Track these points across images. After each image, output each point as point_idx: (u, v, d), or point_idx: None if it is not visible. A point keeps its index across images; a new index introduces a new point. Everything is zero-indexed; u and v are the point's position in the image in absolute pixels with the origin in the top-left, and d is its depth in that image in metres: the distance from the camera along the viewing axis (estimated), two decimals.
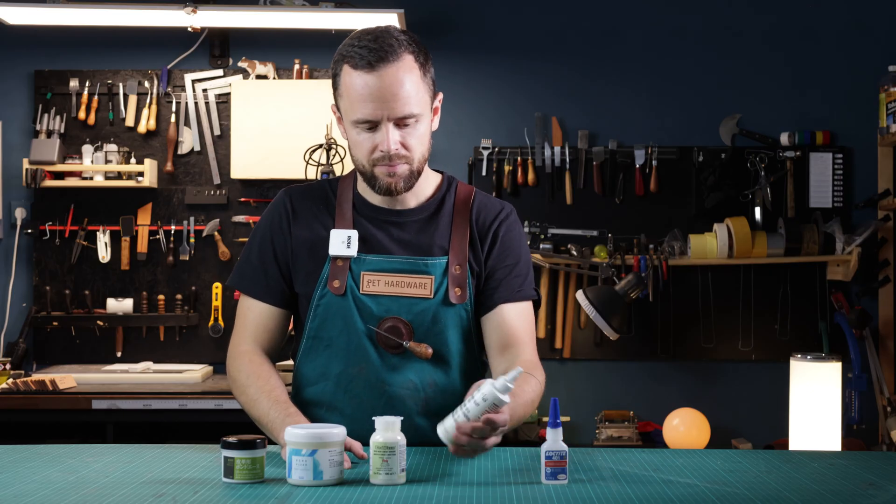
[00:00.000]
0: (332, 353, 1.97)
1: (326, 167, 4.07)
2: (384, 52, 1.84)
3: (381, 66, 1.84)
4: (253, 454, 1.62)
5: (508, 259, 2.01)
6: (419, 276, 1.95)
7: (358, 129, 1.89)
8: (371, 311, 1.94)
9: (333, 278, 1.94)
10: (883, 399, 4.06)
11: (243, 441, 1.63)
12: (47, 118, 4.28)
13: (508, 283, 2.00)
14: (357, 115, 1.87)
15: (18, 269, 4.32)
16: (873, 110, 4.14)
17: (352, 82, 1.87)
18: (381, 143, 1.87)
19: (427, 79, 1.91)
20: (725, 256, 4.10)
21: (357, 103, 1.86)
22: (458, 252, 1.97)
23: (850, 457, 1.92)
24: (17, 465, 1.76)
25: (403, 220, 1.99)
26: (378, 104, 1.85)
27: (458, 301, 1.95)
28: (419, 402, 1.95)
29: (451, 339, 1.96)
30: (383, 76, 1.84)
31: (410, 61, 1.87)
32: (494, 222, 2.03)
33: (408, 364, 1.95)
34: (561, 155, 4.28)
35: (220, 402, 3.76)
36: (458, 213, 2.01)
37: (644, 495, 1.56)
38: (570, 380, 4.27)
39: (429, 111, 1.93)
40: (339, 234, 1.96)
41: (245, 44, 4.33)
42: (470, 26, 4.33)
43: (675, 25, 4.34)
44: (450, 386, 1.97)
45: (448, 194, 2.04)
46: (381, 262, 1.95)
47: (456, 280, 1.96)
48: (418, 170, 1.94)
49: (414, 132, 1.89)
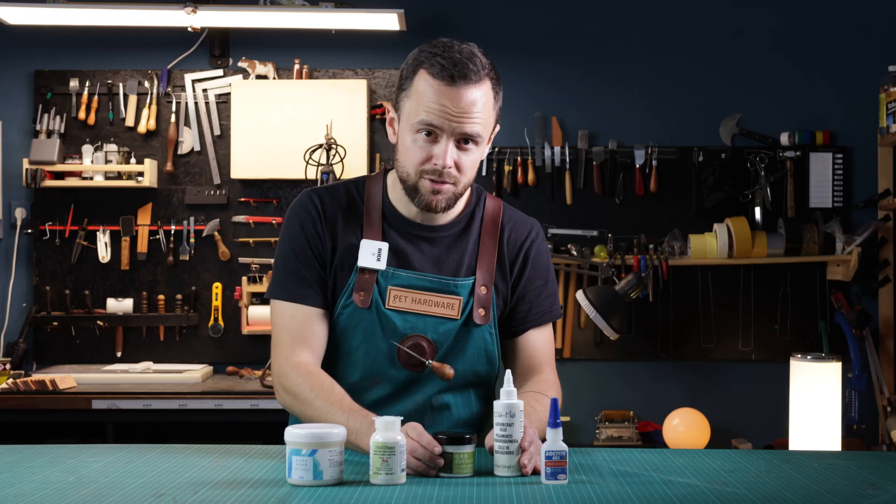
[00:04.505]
0: (347, 363, 1.94)
1: (326, 167, 4.07)
2: (468, 71, 1.81)
3: (461, 82, 1.81)
4: (470, 449, 1.68)
5: (538, 281, 2.01)
6: (448, 296, 1.92)
7: (415, 136, 1.84)
8: (395, 327, 1.90)
9: (359, 290, 1.90)
10: (883, 399, 4.06)
11: (457, 437, 1.67)
12: (47, 118, 4.28)
13: (539, 304, 2.00)
14: (422, 117, 1.82)
15: (18, 269, 4.32)
16: (873, 110, 4.14)
17: (426, 88, 1.82)
18: (438, 157, 1.83)
19: (496, 108, 1.89)
20: (725, 256, 4.10)
21: (426, 108, 1.81)
22: (485, 272, 1.95)
23: (850, 457, 1.92)
24: (17, 465, 1.76)
25: (434, 236, 1.95)
26: (448, 116, 1.81)
27: (483, 322, 1.93)
28: (426, 416, 1.93)
29: (471, 360, 1.95)
30: (462, 93, 1.81)
31: (488, 87, 1.85)
32: (525, 243, 2.01)
33: (423, 383, 1.93)
34: (561, 155, 4.28)
35: (220, 402, 3.76)
36: (487, 232, 1.98)
37: (644, 495, 1.56)
38: (570, 380, 4.26)
39: (487, 139, 1.90)
40: (369, 246, 1.91)
41: (245, 44, 4.33)
42: (470, 26, 4.33)
43: (675, 25, 4.34)
44: (460, 399, 1.96)
45: (477, 208, 2.00)
46: (411, 279, 1.92)
47: (481, 301, 1.93)
48: (461, 193, 1.90)
49: (470, 155, 1.86)
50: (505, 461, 1.67)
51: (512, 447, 1.67)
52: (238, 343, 4.29)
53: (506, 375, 1.73)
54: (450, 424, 1.95)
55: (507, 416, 1.67)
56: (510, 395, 1.68)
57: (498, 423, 1.67)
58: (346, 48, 4.29)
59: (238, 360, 4.26)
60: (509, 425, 1.66)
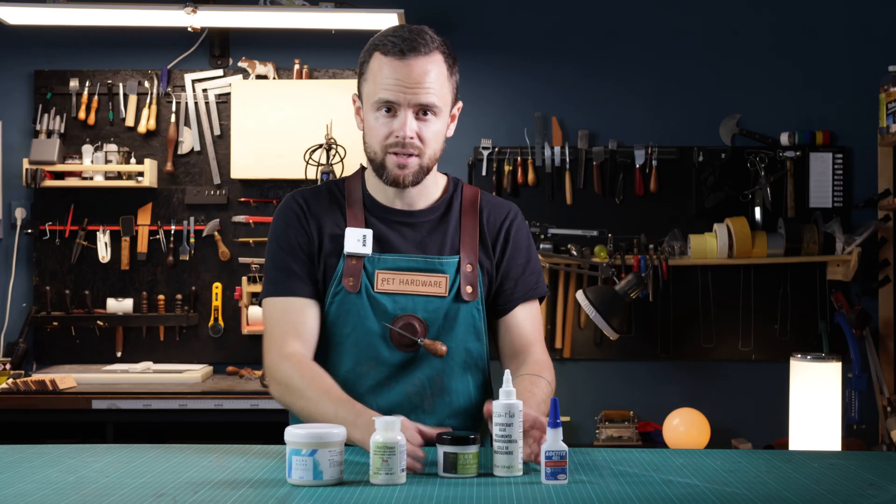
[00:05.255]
0: (342, 350, 1.97)
1: (326, 167, 4.07)
2: (417, 44, 1.89)
3: (411, 55, 1.89)
4: (475, 449, 1.67)
5: (520, 258, 2.05)
6: (434, 274, 1.97)
7: (376, 115, 1.92)
8: (386, 309, 1.95)
9: (347, 276, 1.95)
10: (883, 399, 4.06)
11: (461, 437, 1.67)
12: (47, 118, 4.28)
13: (525, 280, 2.05)
14: (379, 96, 1.90)
15: (18, 269, 4.32)
16: (873, 110, 4.14)
17: (380, 67, 1.91)
18: (398, 129, 1.90)
19: (452, 80, 1.96)
20: (725, 256, 4.10)
21: (381, 86, 1.89)
22: (469, 250, 2.00)
23: (850, 457, 1.92)
24: (17, 465, 1.76)
25: (415, 221, 2.01)
26: (402, 88, 1.88)
27: (471, 298, 1.98)
28: (426, 400, 1.96)
29: (462, 337, 1.98)
30: (412, 65, 1.88)
31: (440, 59, 1.92)
32: (505, 222, 2.06)
33: (418, 363, 1.96)
34: (561, 155, 4.28)
35: (220, 402, 3.76)
36: (467, 214, 2.03)
37: (644, 495, 1.56)
38: (570, 380, 4.27)
39: (447, 112, 1.96)
40: (354, 233, 1.96)
41: (245, 44, 4.33)
42: (470, 26, 4.33)
43: (675, 25, 4.34)
44: (458, 385, 1.98)
45: (455, 195, 2.06)
46: (398, 261, 1.97)
47: (468, 278, 1.98)
48: (428, 166, 1.96)
49: (430, 126, 1.92)
50: (505, 461, 1.67)
51: (512, 447, 1.67)
52: (238, 343, 4.29)
53: (505, 375, 1.73)
54: (450, 413, 1.97)
55: (507, 416, 1.67)
56: (510, 396, 1.69)
57: (497, 423, 1.67)
58: (346, 48, 4.29)
59: (238, 360, 4.26)
60: (509, 425, 1.66)
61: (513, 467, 1.67)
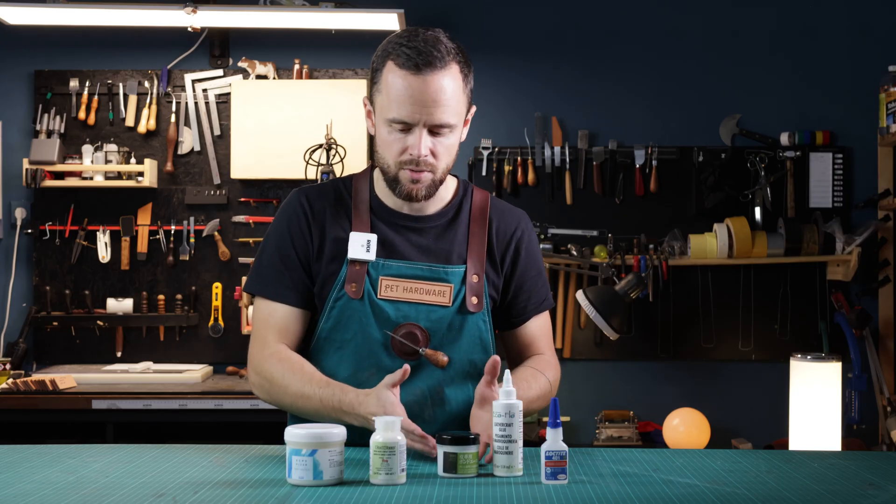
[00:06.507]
0: (343, 356, 1.95)
1: (326, 167, 4.07)
2: (432, 58, 1.83)
3: (427, 70, 1.83)
4: (475, 449, 1.67)
5: (533, 270, 2.05)
6: (438, 283, 1.94)
7: (390, 129, 1.88)
8: (388, 317, 1.92)
9: (350, 281, 1.92)
10: (883, 399, 4.06)
11: (461, 437, 1.67)
12: (47, 118, 4.28)
13: (537, 292, 2.05)
14: (393, 115, 1.86)
15: (18, 269, 4.32)
16: (873, 110, 4.14)
17: (394, 81, 1.85)
18: (413, 147, 1.86)
19: (467, 90, 1.91)
20: (725, 256, 4.10)
21: (396, 103, 1.85)
22: (475, 260, 1.97)
23: (850, 457, 1.92)
24: (17, 465, 1.76)
25: (422, 226, 1.98)
26: (418, 108, 1.84)
27: (476, 310, 1.95)
28: (426, 410, 1.94)
29: (467, 348, 1.96)
30: (428, 81, 1.83)
31: (456, 71, 1.87)
32: (516, 233, 2.04)
33: (419, 372, 1.93)
34: (561, 155, 4.28)
35: (220, 402, 3.76)
36: (475, 222, 2.00)
37: (644, 495, 1.56)
38: (570, 380, 4.27)
39: (462, 123, 1.93)
40: (358, 238, 1.93)
41: (245, 44, 4.34)
42: (470, 26, 4.33)
43: (675, 25, 4.34)
44: (460, 395, 1.96)
45: (465, 200, 2.03)
46: (402, 268, 1.94)
47: (473, 289, 1.95)
48: (441, 179, 1.93)
49: (445, 142, 1.89)
50: (504, 461, 1.67)
51: (512, 447, 1.67)
52: (238, 343, 4.28)
53: (505, 375, 1.72)
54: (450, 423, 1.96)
55: (507, 416, 1.67)
56: (510, 396, 1.68)
57: (497, 423, 1.67)
58: (346, 48, 4.29)
59: (238, 360, 4.26)
60: (509, 425, 1.66)
61: (513, 467, 1.67)
